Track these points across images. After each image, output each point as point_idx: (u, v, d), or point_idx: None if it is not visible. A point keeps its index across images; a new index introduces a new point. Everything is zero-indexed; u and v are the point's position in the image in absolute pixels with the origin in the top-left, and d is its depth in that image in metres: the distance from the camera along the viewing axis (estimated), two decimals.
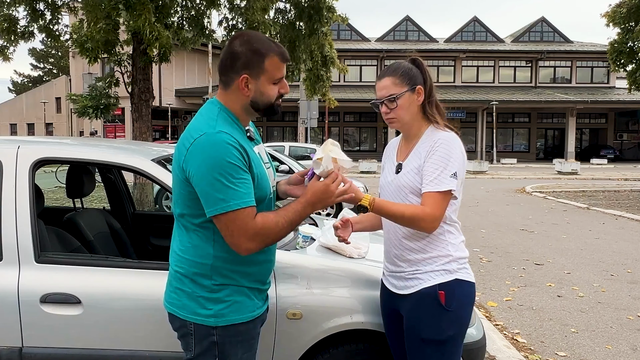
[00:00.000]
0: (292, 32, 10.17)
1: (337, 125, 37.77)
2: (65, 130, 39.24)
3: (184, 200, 1.61)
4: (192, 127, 1.60)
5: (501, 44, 39.34)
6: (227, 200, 1.50)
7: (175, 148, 1.65)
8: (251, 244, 1.55)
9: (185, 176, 1.56)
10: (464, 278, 1.82)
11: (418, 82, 1.87)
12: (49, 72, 58.69)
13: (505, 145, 38.89)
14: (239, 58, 1.59)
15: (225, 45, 1.65)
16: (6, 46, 8.95)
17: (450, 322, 1.80)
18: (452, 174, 1.74)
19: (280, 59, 1.62)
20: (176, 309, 1.66)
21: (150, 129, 8.93)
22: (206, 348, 1.64)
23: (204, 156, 1.50)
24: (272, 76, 1.62)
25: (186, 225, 1.64)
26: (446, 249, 1.82)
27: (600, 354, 3.64)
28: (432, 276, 1.81)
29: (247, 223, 1.52)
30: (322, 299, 2.16)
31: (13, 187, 2.22)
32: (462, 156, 1.80)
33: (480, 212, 10.66)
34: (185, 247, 1.65)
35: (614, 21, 14.97)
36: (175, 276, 1.67)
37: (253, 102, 1.64)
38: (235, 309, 1.64)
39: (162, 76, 30.56)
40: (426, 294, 1.80)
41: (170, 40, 7.70)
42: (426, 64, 1.92)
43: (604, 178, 21.10)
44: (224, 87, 1.65)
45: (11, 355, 2.15)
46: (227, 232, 1.54)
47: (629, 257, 6.57)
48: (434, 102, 1.90)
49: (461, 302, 1.81)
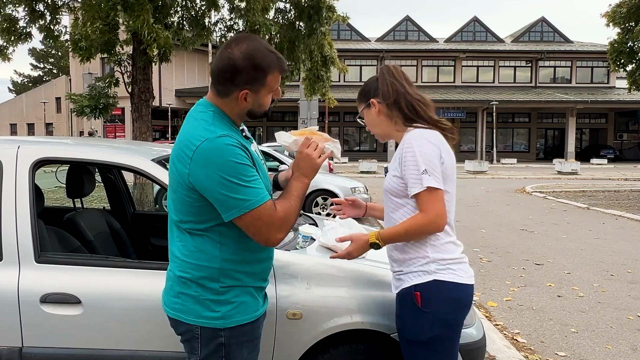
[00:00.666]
0: (291, 32, 10.17)
1: (337, 125, 37.76)
2: (65, 130, 39.25)
3: (187, 207, 1.59)
4: (189, 133, 1.57)
5: (501, 44, 39.34)
6: (248, 200, 1.51)
7: (172, 155, 1.62)
8: (281, 233, 1.59)
9: (191, 186, 1.54)
10: (445, 279, 1.79)
11: (371, 94, 1.93)
12: (49, 72, 58.69)
13: (505, 145, 38.88)
14: (240, 73, 1.55)
15: (223, 51, 1.59)
16: (6, 46, 8.96)
17: (430, 323, 1.78)
18: (422, 171, 1.74)
19: (280, 71, 1.63)
20: (181, 314, 1.65)
21: (150, 129, 8.93)
22: (213, 350, 1.64)
23: (212, 163, 1.49)
24: (271, 89, 1.64)
25: (189, 231, 1.63)
26: (424, 250, 1.81)
27: (600, 354, 3.64)
28: (410, 277, 1.82)
29: (272, 215, 1.55)
30: (322, 299, 2.16)
31: (13, 187, 2.22)
32: (431, 148, 1.76)
33: (480, 212, 10.66)
34: (189, 252, 1.63)
35: (614, 21, 14.97)
36: (178, 281, 1.65)
37: (250, 112, 1.66)
38: (241, 310, 1.64)
39: (162, 76, 30.55)
40: (405, 295, 1.83)
41: (169, 40, 7.69)
42: (393, 68, 1.93)
43: (604, 178, 21.10)
44: (220, 95, 1.62)
45: (11, 355, 2.15)
46: (254, 229, 1.55)
47: (629, 257, 6.57)
48: (393, 106, 1.87)
49: (441, 303, 1.78)
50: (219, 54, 1.62)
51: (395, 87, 1.87)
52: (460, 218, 9.50)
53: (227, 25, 10.09)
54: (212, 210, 1.57)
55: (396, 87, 1.87)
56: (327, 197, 8.96)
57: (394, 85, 1.88)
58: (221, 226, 1.59)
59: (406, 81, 1.90)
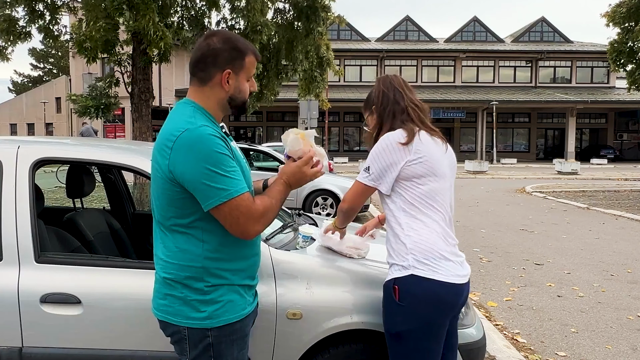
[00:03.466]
0: (290, 32, 10.18)
1: (337, 125, 37.75)
2: (65, 130, 39.22)
3: (169, 201, 1.59)
4: (170, 127, 1.57)
5: (501, 44, 39.34)
6: (227, 189, 1.51)
7: (154, 150, 1.62)
8: (258, 226, 1.59)
9: (171, 176, 1.54)
10: (422, 275, 1.81)
11: (372, 102, 2.07)
12: (49, 72, 58.64)
13: (505, 145, 38.88)
14: (221, 54, 1.62)
15: (200, 43, 1.65)
16: (5, 46, 8.96)
17: (404, 317, 1.82)
18: (365, 168, 1.94)
19: (255, 57, 1.69)
20: (168, 316, 1.65)
21: (150, 128, 8.94)
22: (201, 351, 1.63)
23: (192, 151, 1.49)
24: (249, 73, 1.68)
25: (171, 229, 1.62)
26: (403, 244, 1.86)
27: (600, 354, 3.64)
28: (392, 270, 1.90)
29: (250, 207, 1.55)
30: (322, 299, 2.16)
31: (13, 187, 2.22)
32: (382, 150, 1.89)
33: (480, 212, 10.66)
34: (171, 252, 1.62)
35: (614, 21, 14.96)
36: (163, 283, 1.65)
37: (231, 98, 1.67)
38: (228, 308, 1.64)
39: (162, 76, 30.54)
40: (386, 287, 1.90)
41: (170, 40, 7.71)
42: (388, 78, 2.07)
43: (604, 178, 21.09)
44: (201, 83, 1.65)
45: (11, 355, 2.15)
46: (232, 219, 1.54)
47: (629, 257, 6.57)
48: (384, 112, 2.00)
49: (416, 298, 1.81)
50: (196, 47, 1.67)
51: (385, 96, 2.01)
52: (460, 218, 9.50)
53: (228, 26, 10.10)
54: (194, 203, 1.56)
55: (387, 96, 2.00)
56: (327, 197, 8.96)
57: (384, 93, 2.01)
58: (203, 221, 1.59)
59: (401, 88, 2.02)
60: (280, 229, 2.54)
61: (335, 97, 27.49)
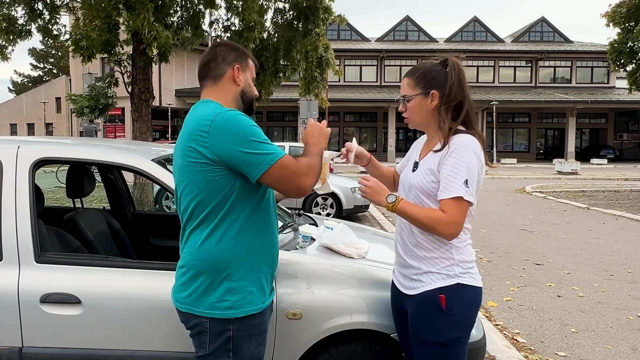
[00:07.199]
0: (289, 32, 10.18)
1: (337, 125, 37.74)
2: (65, 130, 39.22)
3: (200, 186, 1.64)
4: (199, 117, 1.65)
5: (501, 44, 39.33)
6: (272, 152, 1.62)
7: (182, 146, 1.66)
8: (309, 179, 1.69)
9: (214, 158, 1.60)
10: (468, 283, 1.80)
11: (435, 85, 1.82)
12: (49, 72, 58.65)
13: (505, 145, 38.87)
14: (229, 54, 1.80)
15: (208, 52, 1.83)
16: (5, 46, 8.95)
17: (452, 326, 1.78)
18: (463, 182, 1.70)
19: (254, 63, 1.88)
20: (191, 307, 1.68)
21: (150, 129, 8.93)
22: (221, 344, 1.67)
23: (231, 129, 1.59)
24: (252, 75, 1.87)
25: (201, 218, 1.66)
26: (449, 252, 1.80)
27: (600, 354, 3.64)
28: (433, 279, 1.80)
29: (296, 164, 1.66)
30: (322, 298, 2.16)
31: (13, 187, 2.22)
32: (476, 161, 1.74)
33: (480, 212, 10.66)
34: (200, 243, 1.67)
35: (614, 21, 14.97)
36: (188, 273, 1.69)
37: (243, 92, 1.81)
38: (249, 300, 1.68)
39: (162, 76, 30.54)
40: (428, 297, 1.80)
41: (169, 40, 7.70)
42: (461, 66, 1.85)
43: (604, 178, 21.09)
44: (215, 81, 1.78)
45: (11, 355, 2.15)
46: (285, 179, 1.63)
47: (629, 257, 6.57)
48: (451, 107, 1.82)
49: (463, 306, 1.79)
50: (204, 55, 1.84)
51: (465, 91, 1.83)
52: None
53: (223, 25, 10.12)
54: (228, 189, 1.63)
55: (465, 91, 1.83)
56: (327, 197, 8.95)
57: (464, 88, 1.83)
58: (231, 211, 1.65)
59: (467, 84, 1.85)
60: (280, 229, 2.54)
61: (335, 97, 27.48)
